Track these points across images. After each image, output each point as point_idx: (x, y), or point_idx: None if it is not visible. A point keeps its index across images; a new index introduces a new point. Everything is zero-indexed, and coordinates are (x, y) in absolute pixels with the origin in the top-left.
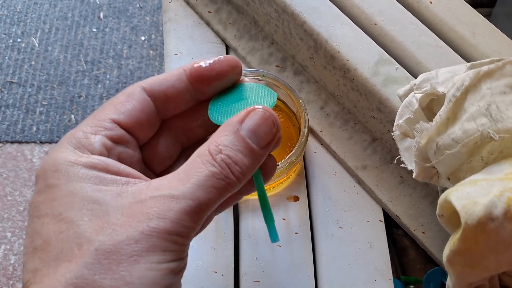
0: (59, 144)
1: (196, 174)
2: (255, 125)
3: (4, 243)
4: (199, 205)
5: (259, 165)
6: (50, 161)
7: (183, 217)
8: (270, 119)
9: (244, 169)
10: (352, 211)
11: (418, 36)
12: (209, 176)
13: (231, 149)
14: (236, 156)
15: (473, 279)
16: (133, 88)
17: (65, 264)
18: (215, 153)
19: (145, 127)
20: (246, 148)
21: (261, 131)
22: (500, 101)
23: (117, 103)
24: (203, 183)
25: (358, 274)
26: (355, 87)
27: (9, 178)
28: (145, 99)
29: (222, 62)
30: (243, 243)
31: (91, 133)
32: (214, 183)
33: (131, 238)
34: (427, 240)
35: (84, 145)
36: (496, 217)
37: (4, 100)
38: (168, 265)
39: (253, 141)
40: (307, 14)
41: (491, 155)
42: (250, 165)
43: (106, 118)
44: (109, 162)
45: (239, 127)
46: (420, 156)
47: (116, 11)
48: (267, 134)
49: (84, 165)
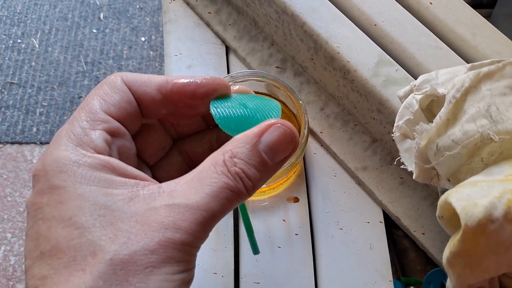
0: (57, 141)
1: (210, 184)
2: (275, 141)
3: (4, 244)
4: (212, 216)
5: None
6: (51, 160)
7: (196, 227)
8: (290, 137)
9: (256, 183)
10: (352, 212)
11: (418, 37)
12: (223, 188)
13: (246, 163)
14: (250, 170)
15: (473, 281)
16: (115, 78)
17: (78, 273)
18: (230, 165)
19: (133, 118)
20: (261, 163)
21: (279, 148)
22: (500, 103)
23: (104, 95)
24: (217, 194)
25: (358, 275)
26: (355, 88)
27: (9, 179)
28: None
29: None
30: (243, 245)
31: (90, 128)
32: (227, 195)
33: (147, 248)
34: (427, 242)
35: (86, 142)
36: (496, 219)
37: (4, 101)
38: (181, 275)
39: (269, 156)
40: (307, 15)
41: (491, 156)
42: (262, 179)
43: (98, 110)
44: (114, 162)
45: (258, 141)
46: (420, 157)
47: (116, 12)
48: (285, 151)
49: (90, 166)
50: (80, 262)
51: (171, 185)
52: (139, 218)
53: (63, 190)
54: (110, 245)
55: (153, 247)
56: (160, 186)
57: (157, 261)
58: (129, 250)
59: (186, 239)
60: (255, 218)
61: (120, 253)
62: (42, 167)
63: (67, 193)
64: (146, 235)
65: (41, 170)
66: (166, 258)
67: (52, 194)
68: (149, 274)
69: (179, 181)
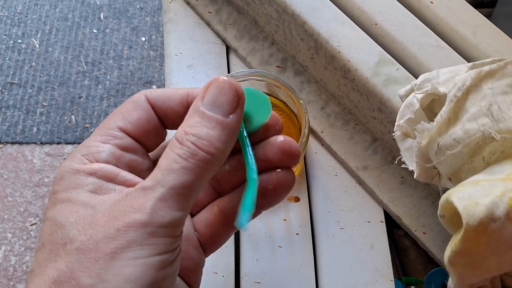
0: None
1: (165, 161)
2: (213, 96)
3: (4, 244)
4: (173, 189)
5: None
6: (60, 170)
7: (158, 205)
8: (225, 86)
9: (214, 141)
10: (353, 212)
11: (419, 36)
12: (176, 159)
13: (196, 127)
14: (201, 131)
15: (475, 280)
16: (139, 96)
17: (52, 263)
18: (181, 137)
19: (151, 136)
20: (210, 121)
21: (220, 100)
22: (502, 101)
23: (125, 112)
24: (171, 167)
25: (359, 275)
26: (355, 87)
27: (10, 179)
28: (149, 109)
29: None
30: (244, 244)
31: (101, 142)
32: (183, 164)
33: (108, 236)
34: (428, 241)
35: (92, 153)
36: (497, 218)
37: (4, 101)
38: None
39: (216, 112)
40: (308, 14)
41: (492, 155)
42: (221, 136)
43: (114, 126)
44: (108, 168)
45: (200, 104)
46: (421, 156)
47: (116, 12)
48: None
49: (85, 172)
50: (54, 253)
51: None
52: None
53: (57, 194)
54: (78, 236)
55: (113, 234)
56: None
57: (118, 247)
58: (93, 240)
59: (147, 219)
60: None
61: (85, 242)
62: (54, 177)
63: (59, 197)
64: (108, 224)
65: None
66: (126, 243)
67: (51, 198)
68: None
69: None
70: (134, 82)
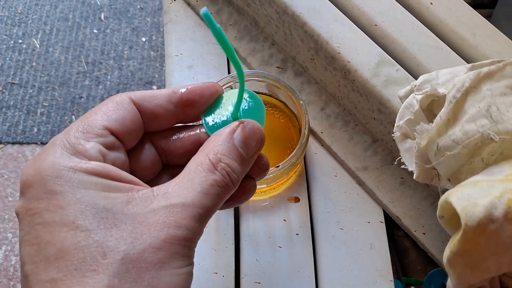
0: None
1: (201, 183)
2: (246, 136)
3: (5, 244)
4: (206, 212)
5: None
6: (46, 166)
7: (194, 224)
8: (257, 132)
9: (239, 175)
10: (352, 212)
11: (418, 37)
12: (213, 185)
13: (228, 158)
14: (233, 164)
15: (474, 281)
16: (122, 98)
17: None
18: (215, 162)
19: (132, 136)
20: (239, 156)
21: (250, 141)
22: (501, 103)
23: (107, 110)
24: (208, 191)
25: (358, 275)
26: (355, 88)
27: (10, 179)
28: (134, 110)
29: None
30: (244, 244)
31: (84, 139)
32: (217, 190)
33: (154, 246)
34: (428, 241)
35: (80, 151)
36: (496, 219)
37: (5, 101)
38: (187, 269)
39: (244, 150)
40: (308, 15)
41: (491, 156)
42: (243, 172)
43: (98, 124)
44: (110, 168)
45: (232, 138)
46: (420, 157)
47: (117, 12)
48: (255, 143)
49: (86, 171)
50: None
51: (162, 188)
52: (141, 219)
53: (61, 195)
54: (118, 245)
55: (160, 245)
56: (152, 189)
57: (165, 257)
58: (138, 249)
59: (187, 235)
60: (256, 218)
61: (130, 252)
62: (35, 173)
63: (66, 198)
64: (151, 234)
65: (34, 176)
66: (172, 254)
67: (50, 199)
68: (160, 269)
69: (169, 184)
70: (135, 82)
